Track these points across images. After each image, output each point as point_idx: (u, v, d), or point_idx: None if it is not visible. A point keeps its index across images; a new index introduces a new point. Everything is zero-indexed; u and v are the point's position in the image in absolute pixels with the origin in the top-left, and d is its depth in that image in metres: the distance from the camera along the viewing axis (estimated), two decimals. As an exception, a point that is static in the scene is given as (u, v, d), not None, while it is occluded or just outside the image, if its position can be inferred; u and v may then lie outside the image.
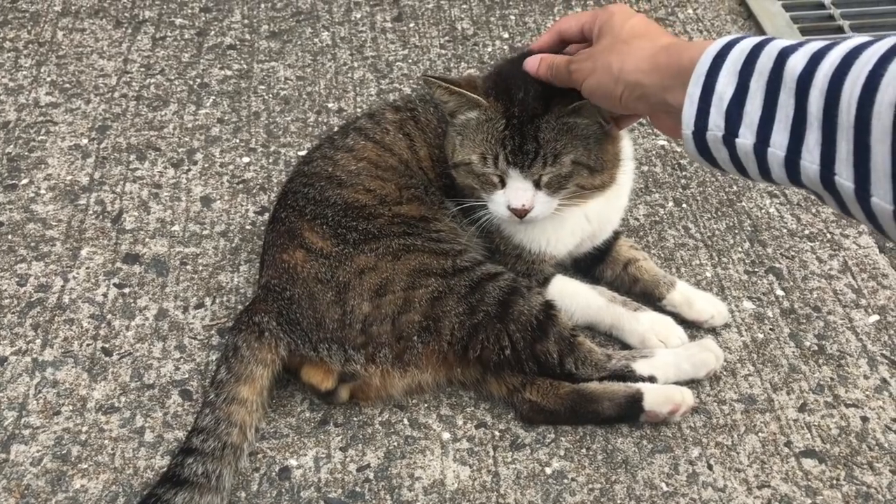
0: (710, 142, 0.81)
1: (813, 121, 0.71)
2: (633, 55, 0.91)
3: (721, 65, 0.79)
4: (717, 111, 0.79)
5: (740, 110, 0.77)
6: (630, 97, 0.92)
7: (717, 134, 0.79)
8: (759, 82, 0.76)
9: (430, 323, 1.20)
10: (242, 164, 1.70)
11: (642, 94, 0.90)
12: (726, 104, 0.78)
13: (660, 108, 0.91)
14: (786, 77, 0.73)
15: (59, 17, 2.11)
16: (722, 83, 0.78)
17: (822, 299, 1.42)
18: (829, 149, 0.70)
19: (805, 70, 0.72)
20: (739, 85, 0.77)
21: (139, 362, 1.32)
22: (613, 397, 1.21)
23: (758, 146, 0.76)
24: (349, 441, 1.21)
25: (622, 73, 0.92)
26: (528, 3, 2.17)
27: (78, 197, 1.62)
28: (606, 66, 0.94)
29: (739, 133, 0.77)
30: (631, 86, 0.91)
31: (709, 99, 0.79)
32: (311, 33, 2.07)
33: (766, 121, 0.75)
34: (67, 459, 1.19)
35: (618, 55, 0.93)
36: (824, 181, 0.72)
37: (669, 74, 0.85)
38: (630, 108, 0.94)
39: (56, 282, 1.45)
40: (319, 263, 1.21)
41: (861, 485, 1.16)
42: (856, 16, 2.13)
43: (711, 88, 0.79)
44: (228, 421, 1.14)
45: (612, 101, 0.96)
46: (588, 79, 0.98)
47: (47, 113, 1.82)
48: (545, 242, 1.31)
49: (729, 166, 0.82)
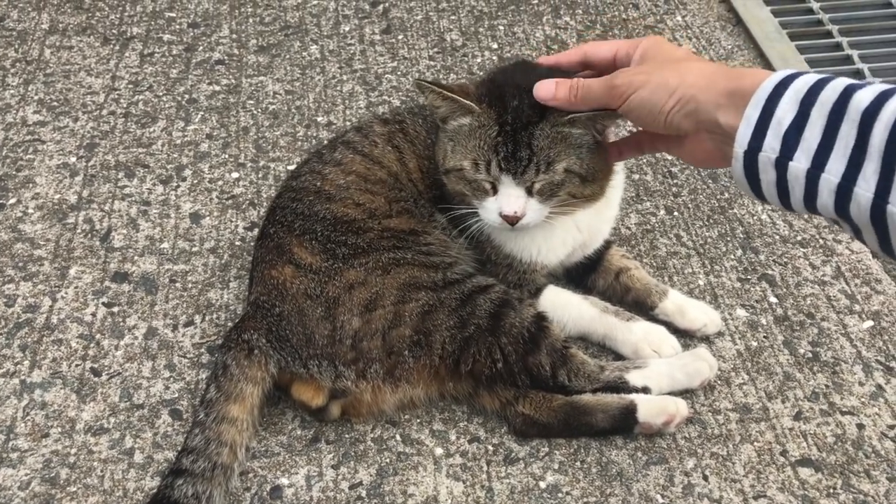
0: (760, 162, 0.83)
1: (874, 152, 0.74)
2: (692, 72, 0.93)
3: (783, 92, 0.81)
4: (773, 134, 0.81)
5: (798, 136, 0.80)
6: (680, 111, 0.93)
7: (770, 156, 0.81)
8: (820, 112, 0.79)
9: (421, 337, 1.19)
10: (232, 179, 1.69)
11: (694, 109, 0.91)
12: (785, 128, 0.80)
13: (705, 127, 0.92)
14: (850, 110, 0.77)
15: (46, 34, 2.11)
16: (783, 109, 0.81)
17: (816, 306, 1.42)
18: (886, 180, 0.74)
19: (872, 105, 0.75)
20: (800, 113, 0.80)
21: (128, 382, 1.31)
22: (607, 409, 1.20)
23: (811, 171, 0.79)
24: (341, 458, 1.20)
25: (680, 87, 0.93)
26: (516, 13, 2.17)
27: (66, 216, 1.61)
28: (663, 80, 0.95)
29: (794, 157, 0.80)
30: (686, 99, 0.92)
31: (767, 122, 0.82)
32: (299, 47, 2.07)
33: (824, 148, 0.78)
34: (56, 482, 1.18)
35: (675, 71, 0.95)
36: (874, 210, 0.75)
37: (726, 94, 0.87)
38: (674, 123, 0.94)
39: (44, 302, 1.44)
40: (309, 279, 1.20)
41: (858, 493, 1.15)
42: (844, 20, 2.14)
43: (771, 113, 0.81)
44: (218, 441, 1.13)
45: (658, 115, 0.95)
46: (639, 90, 0.97)
47: (35, 131, 1.81)
48: (536, 252, 1.30)
49: (771, 190, 0.83)
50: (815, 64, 1.98)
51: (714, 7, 2.20)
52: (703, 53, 2.01)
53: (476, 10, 2.18)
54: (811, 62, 1.98)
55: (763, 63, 2.00)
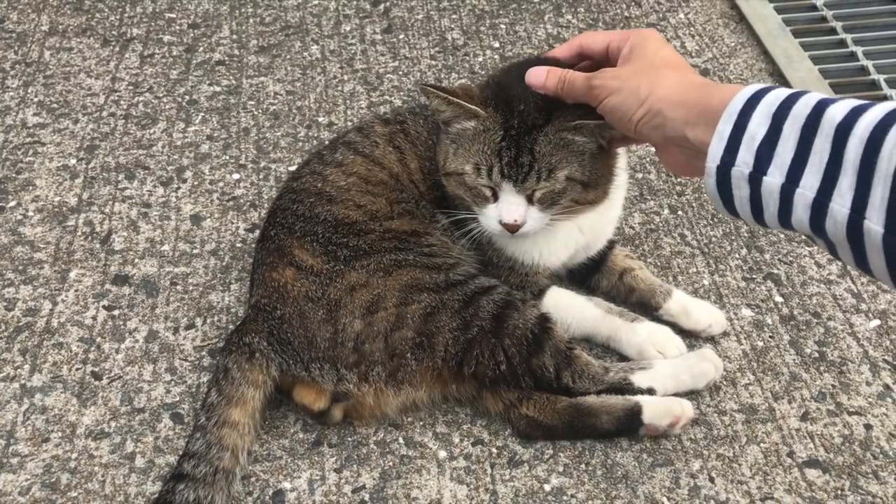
0: (733, 178, 0.81)
1: (849, 167, 0.73)
2: (663, 84, 0.92)
3: (755, 106, 0.80)
4: (747, 149, 0.80)
5: (771, 151, 0.78)
6: (647, 124, 0.93)
7: (743, 171, 0.80)
8: (793, 126, 0.77)
9: (424, 339, 1.18)
10: (232, 180, 1.69)
11: (661, 123, 0.91)
12: (757, 143, 0.79)
13: (673, 142, 0.91)
14: (823, 124, 0.75)
15: (45, 36, 2.10)
16: (755, 123, 0.80)
17: (822, 305, 1.40)
18: (862, 194, 0.72)
19: (846, 119, 0.74)
20: (772, 127, 0.79)
21: (129, 386, 1.30)
22: (612, 411, 1.19)
23: (786, 186, 0.77)
24: (344, 462, 1.19)
25: (648, 99, 0.92)
26: (518, 12, 2.16)
27: (66, 218, 1.60)
28: (634, 89, 0.94)
29: (768, 172, 0.78)
30: (653, 113, 0.92)
31: (739, 136, 0.80)
32: (300, 47, 2.06)
33: (798, 163, 0.77)
34: (57, 488, 1.17)
35: (648, 80, 0.94)
36: (850, 226, 0.73)
37: (696, 112, 0.86)
38: (642, 134, 0.95)
39: (44, 305, 1.43)
40: (310, 281, 1.19)
41: (866, 495, 1.14)
42: (848, 17, 2.12)
43: (743, 127, 0.80)
44: (220, 445, 1.12)
45: (627, 123, 0.96)
46: (612, 96, 0.97)
47: (35, 134, 1.81)
48: (538, 255, 1.29)
49: (745, 206, 0.82)
50: (820, 61, 1.96)
51: (717, 4, 2.19)
52: (705, 51, 2.00)
53: (477, 9, 2.17)
54: (815, 59, 1.97)
55: (767, 60, 1.99)
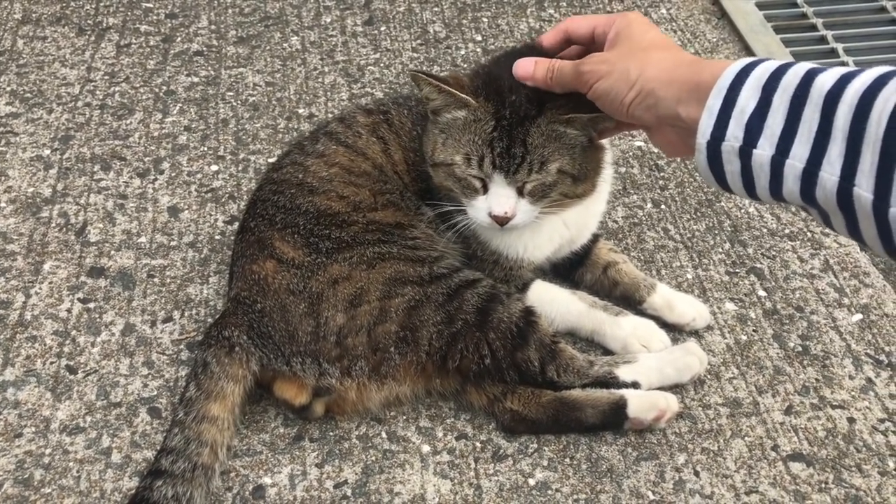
0: (724, 152, 0.81)
1: (838, 134, 0.73)
2: (653, 64, 0.92)
3: (744, 80, 0.80)
4: (736, 123, 0.80)
5: (761, 123, 0.78)
6: (640, 105, 0.92)
7: (733, 145, 0.80)
8: (782, 98, 0.77)
9: (408, 333, 1.16)
10: (211, 172, 1.66)
11: (653, 103, 0.90)
12: (747, 117, 0.79)
13: (666, 121, 0.91)
14: (813, 93, 0.75)
15: (19, 24, 2.05)
16: (744, 97, 0.79)
17: (805, 299, 1.40)
18: (851, 161, 0.72)
19: (834, 87, 0.74)
20: (762, 100, 0.78)
21: (105, 380, 1.27)
22: (597, 405, 1.18)
23: (776, 157, 0.77)
24: (325, 457, 1.17)
25: (639, 80, 0.92)
26: (500, 5, 2.14)
27: (40, 209, 1.57)
28: (624, 71, 0.94)
29: (758, 145, 0.78)
30: (645, 93, 0.91)
31: (729, 111, 0.80)
32: (279, 38, 2.03)
33: (788, 134, 0.76)
34: (30, 484, 1.14)
35: (637, 62, 0.93)
36: (840, 193, 0.73)
37: (687, 88, 0.86)
38: (635, 115, 0.94)
39: (17, 298, 1.40)
40: (291, 274, 1.17)
41: (850, 487, 1.14)
42: (829, 13, 2.13)
43: (732, 102, 0.80)
44: (199, 440, 1.10)
45: (619, 106, 0.95)
46: (602, 81, 0.97)
47: (7, 123, 1.77)
48: (522, 248, 1.28)
49: (736, 180, 0.82)
50: (800, 57, 1.97)
51: (699, 0, 2.19)
52: (687, 47, 2.00)
53: (459, 2, 2.15)
54: (796, 55, 1.98)
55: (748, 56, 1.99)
